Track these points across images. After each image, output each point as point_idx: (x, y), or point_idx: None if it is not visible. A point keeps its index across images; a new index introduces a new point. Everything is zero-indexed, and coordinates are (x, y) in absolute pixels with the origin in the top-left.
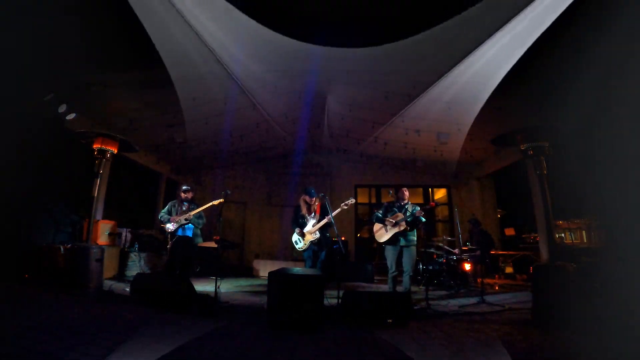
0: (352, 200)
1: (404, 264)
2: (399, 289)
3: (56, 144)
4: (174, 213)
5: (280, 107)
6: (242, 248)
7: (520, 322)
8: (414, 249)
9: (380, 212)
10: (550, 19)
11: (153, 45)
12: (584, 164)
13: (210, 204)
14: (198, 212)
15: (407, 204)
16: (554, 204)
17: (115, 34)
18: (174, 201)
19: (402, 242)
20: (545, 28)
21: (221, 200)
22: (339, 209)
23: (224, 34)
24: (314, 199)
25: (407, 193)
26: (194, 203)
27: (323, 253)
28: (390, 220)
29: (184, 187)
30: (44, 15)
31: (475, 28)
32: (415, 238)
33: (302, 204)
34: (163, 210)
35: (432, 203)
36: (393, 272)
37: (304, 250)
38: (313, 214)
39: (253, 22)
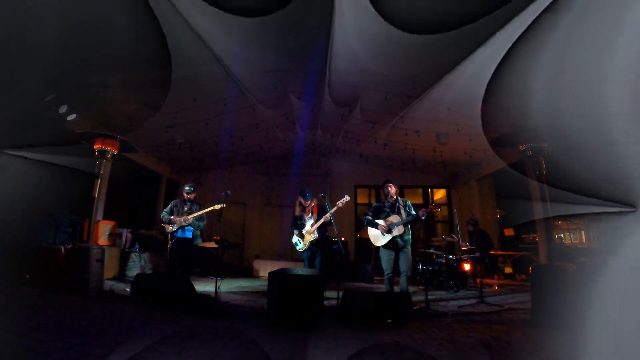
0: (347, 198)
1: (400, 266)
2: (396, 289)
3: (57, 144)
4: (175, 212)
5: (280, 107)
6: (242, 248)
7: (519, 322)
8: (409, 249)
9: (370, 214)
10: (550, 19)
11: (151, 45)
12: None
13: (212, 207)
14: (198, 215)
15: (397, 201)
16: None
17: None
18: (177, 200)
19: (400, 243)
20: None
21: (223, 205)
22: (334, 207)
23: (223, 34)
24: (309, 202)
25: (393, 189)
26: (196, 203)
27: (321, 252)
28: (384, 226)
29: (187, 188)
30: (45, 16)
31: (475, 29)
32: (410, 238)
33: (296, 205)
34: (165, 210)
35: (431, 206)
36: (389, 274)
37: (304, 251)
38: (310, 214)
39: (249, 20)
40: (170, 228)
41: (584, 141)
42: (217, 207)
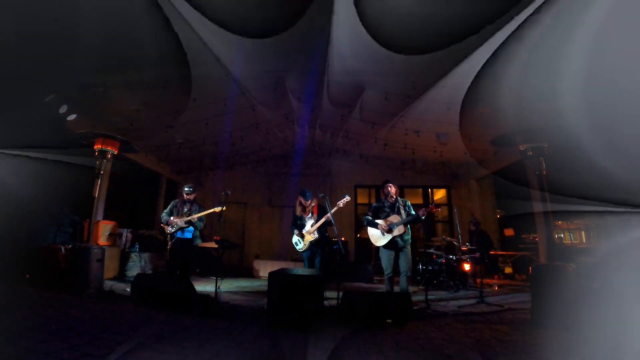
0: (347, 198)
1: (400, 266)
2: (396, 289)
3: (57, 144)
4: (175, 213)
5: (280, 107)
6: (242, 248)
7: (519, 322)
8: (409, 249)
9: (370, 214)
10: (549, 20)
11: (152, 45)
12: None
13: (212, 210)
14: (198, 217)
15: (396, 201)
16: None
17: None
18: (177, 200)
19: (400, 243)
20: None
21: (223, 208)
22: (335, 208)
23: (222, 35)
24: (309, 201)
25: (393, 189)
26: (195, 203)
27: (321, 252)
28: (384, 226)
29: (186, 189)
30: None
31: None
32: (410, 238)
33: (297, 204)
34: (165, 211)
35: (431, 206)
36: (389, 274)
37: (304, 251)
38: (310, 214)
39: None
40: (169, 229)
41: (581, 142)
42: (217, 209)
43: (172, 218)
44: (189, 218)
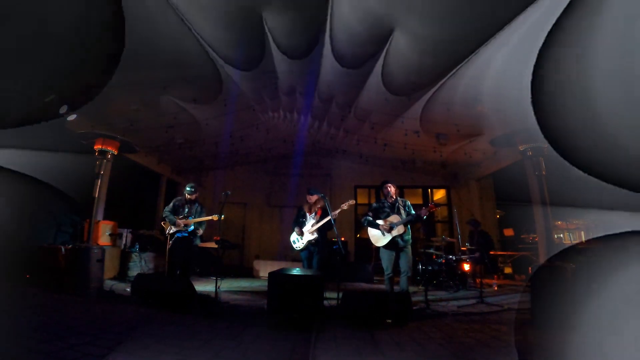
0: (352, 202)
1: (401, 265)
2: (396, 289)
3: (57, 144)
4: (177, 213)
5: (279, 107)
6: (242, 248)
7: (519, 322)
8: (410, 249)
9: (370, 215)
10: (551, 21)
11: (152, 46)
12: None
13: (210, 217)
14: (198, 221)
15: (396, 201)
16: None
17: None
18: (179, 199)
19: (400, 243)
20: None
21: (221, 217)
22: (338, 210)
23: (223, 34)
24: (314, 197)
25: (392, 189)
26: (197, 203)
27: (318, 254)
28: (385, 226)
29: (188, 189)
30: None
31: (475, 30)
32: (410, 237)
33: (305, 203)
34: (167, 209)
35: (431, 205)
36: (389, 274)
37: (301, 250)
38: (314, 214)
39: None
40: (168, 229)
41: (581, 142)
42: (215, 217)
43: (177, 220)
44: (187, 222)
